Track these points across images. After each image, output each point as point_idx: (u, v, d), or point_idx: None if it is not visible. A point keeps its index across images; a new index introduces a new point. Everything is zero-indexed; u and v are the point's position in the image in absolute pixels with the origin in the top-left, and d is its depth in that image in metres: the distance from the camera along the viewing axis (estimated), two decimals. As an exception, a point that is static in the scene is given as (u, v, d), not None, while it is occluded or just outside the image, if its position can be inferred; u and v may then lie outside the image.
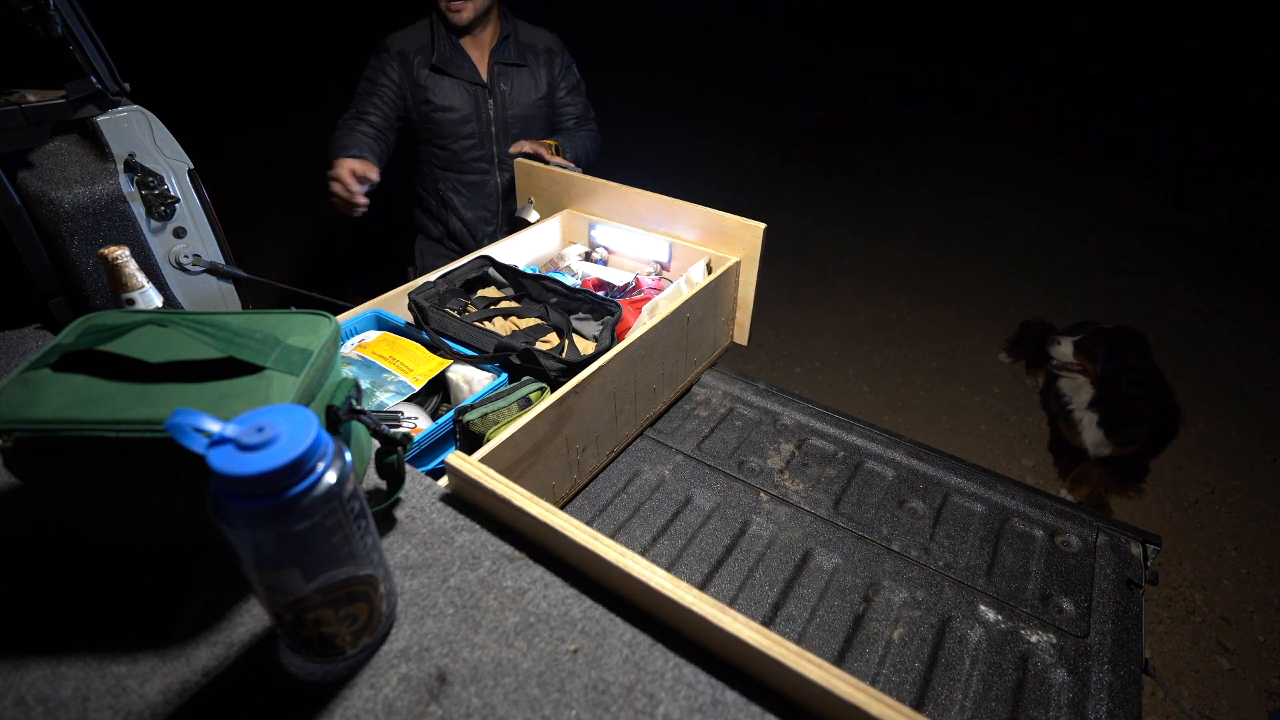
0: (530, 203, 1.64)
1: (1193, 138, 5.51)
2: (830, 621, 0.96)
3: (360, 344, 1.12)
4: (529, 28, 1.96)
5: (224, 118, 5.56)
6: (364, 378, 1.03)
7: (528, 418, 0.93)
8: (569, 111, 2.03)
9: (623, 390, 1.13)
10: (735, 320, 1.46)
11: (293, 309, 0.67)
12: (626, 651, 0.55)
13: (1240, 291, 3.54)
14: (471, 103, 1.88)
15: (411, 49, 1.84)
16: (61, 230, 0.95)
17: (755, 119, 5.87)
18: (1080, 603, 0.99)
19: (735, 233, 1.34)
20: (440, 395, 1.12)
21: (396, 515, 0.67)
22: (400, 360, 1.07)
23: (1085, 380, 2.36)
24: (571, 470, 1.09)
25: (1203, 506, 2.30)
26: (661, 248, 1.46)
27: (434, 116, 1.88)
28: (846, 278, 3.66)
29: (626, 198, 1.47)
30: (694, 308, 1.25)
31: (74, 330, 0.60)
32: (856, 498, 1.17)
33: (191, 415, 0.42)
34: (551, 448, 1.00)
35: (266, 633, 0.56)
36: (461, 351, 1.11)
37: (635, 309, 1.32)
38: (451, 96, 1.86)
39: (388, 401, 1.01)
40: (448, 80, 1.85)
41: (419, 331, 1.15)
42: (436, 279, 1.25)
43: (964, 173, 4.91)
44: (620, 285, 1.44)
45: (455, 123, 1.89)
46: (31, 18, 0.87)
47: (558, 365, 1.05)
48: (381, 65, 1.84)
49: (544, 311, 1.28)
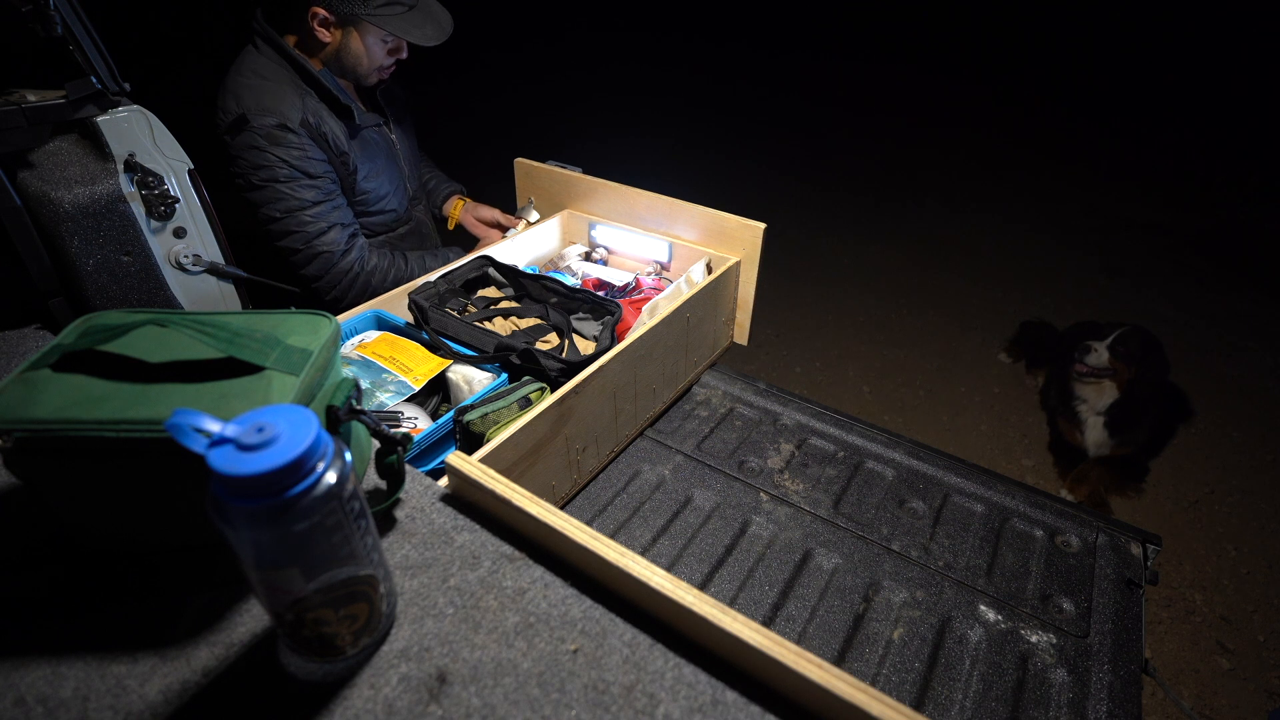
0: (530, 202, 1.63)
1: (1192, 138, 5.51)
2: (830, 621, 0.96)
3: (360, 344, 1.12)
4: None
5: (224, 118, 5.56)
6: (364, 378, 1.03)
7: (528, 418, 0.93)
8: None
9: (623, 390, 1.13)
10: (735, 320, 1.46)
11: (293, 309, 0.67)
12: (626, 651, 0.55)
13: (1240, 291, 3.54)
14: (383, 141, 1.53)
15: (309, 114, 1.34)
16: (61, 230, 0.95)
17: (750, 130, 5.86)
18: (1080, 603, 0.99)
19: (735, 233, 1.34)
20: (440, 395, 1.12)
21: (396, 515, 0.67)
22: (400, 360, 1.07)
23: (1112, 384, 2.31)
24: (571, 470, 1.09)
25: (1203, 506, 2.30)
26: (661, 248, 1.46)
27: (365, 186, 1.48)
28: (846, 279, 3.66)
29: (626, 198, 1.47)
30: (694, 308, 1.25)
31: (74, 330, 0.60)
32: (856, 498, 1.17)
33: (191, 415, 0.42)
34: (552, 448, 1.00)
35: (266, 633, 0.56)
36: (461, 351, 1.11)
37: (635, 309, 1.32)
38: (370, 146, 1.48)
39: (388, 401, 1.01)
40: (366, 133, 1.47)
41: (419, 331, 1.14)
42: (436, 279, 1.25)
43: (963, 174, 4.91)
44: (620, 285, 1.44)
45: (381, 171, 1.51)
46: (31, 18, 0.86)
47: (558, 365, 1.05)
48: (302, 146, 1.33)
49: (544, 311, 1.28)
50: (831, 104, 6.39)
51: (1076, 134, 5.63)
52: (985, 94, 6.54)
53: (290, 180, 1.34)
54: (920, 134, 5.66)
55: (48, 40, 0.89)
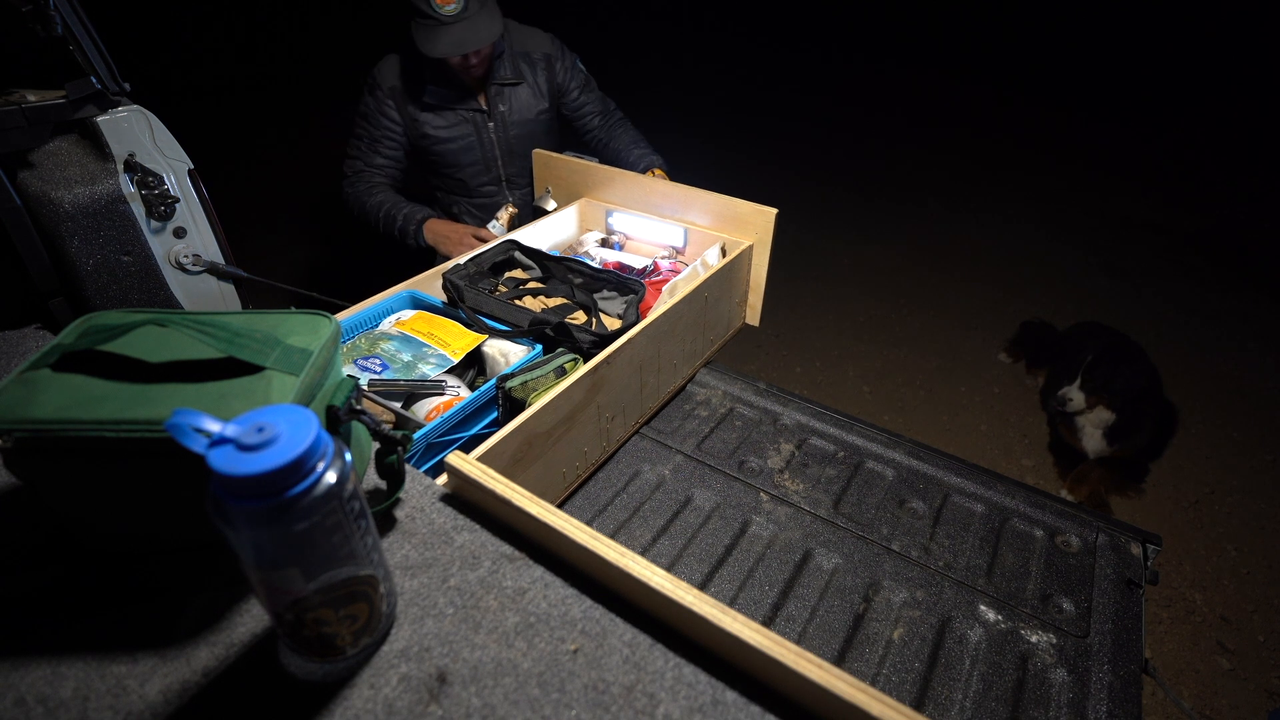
0: (548, 191, 1.67)
1: (1192, 138, 5.51)
2: (830, 621, 0.96)
3: (398, 321, 1.19)
4: (521, 32, 1.87)
5: (224, 118, 5.57)
6: (405, 352, 1.11)
7: (566, 384, 0.99)
8: (589, 109, 1.99)
9: (648, 363, 1.19)
10: (748, 302, 1.51)
11: (293, 309, 0.67)
12: (626, 651, 0.55)
13: (1240, 291, 3.54)
14: (471, 130, 1.84)
15: (403, 83, 1.77)
16: (61, 230, 0.95)
17: (749, 126, 5.86)
18: (1080, 603, 0.99)
19: (748, 218, 1.38)
20: (475, 369, 1.19)
21: (396, 515, 0.67)
22: (438, 335, 1.14)
23: (1104, 408, 2.30)
24: (601, 438, 1.15)
25: (1203, 506, 2.30)
26: (677, 234, 1.51)
27: (435, 149, 1.85)
28: (847, 279, 3.66)
29: (642, 186, 1.52)
30: (711, 288, 1.29)
31: (74, 330, 0.60)
32: (856, 498, 1.17)
33: (191, 415, 0.42)
34: (585, 414, 1.06)
35: (266, 633, 0.56)
36: (496, 327, 1.18)
37: (655, 289, 1.38)
38: (450, 128, 1.83)
39: (430, 373, 1.08)
40: (446, 111, 1.81)
41: (451, 309, 1.22)
42: (465, 261, 1.32)
43: (963, 174, 4.90)
44: (639, 269, 1.49)
45: (456, 152, 1.86)
46: (31, 18, 0.87)
47: (590, 337, 1.12)
48: (379, 105, 1.79)
49: (569, 292, 1.33)
50: (832, 103, 6.39)
51: (1076, 134, 5.63)
52: (986, 94, 6.54)
53: (360, 119, 1.84)
54: (921, 133, 5.66)
55: (48, 40, 0.89)
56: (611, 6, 8.76)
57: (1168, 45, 7.25)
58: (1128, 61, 7.14)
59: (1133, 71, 6.92)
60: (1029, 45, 7.69)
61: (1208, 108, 6.09)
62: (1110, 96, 6.40)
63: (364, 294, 1.23)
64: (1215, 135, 5.55)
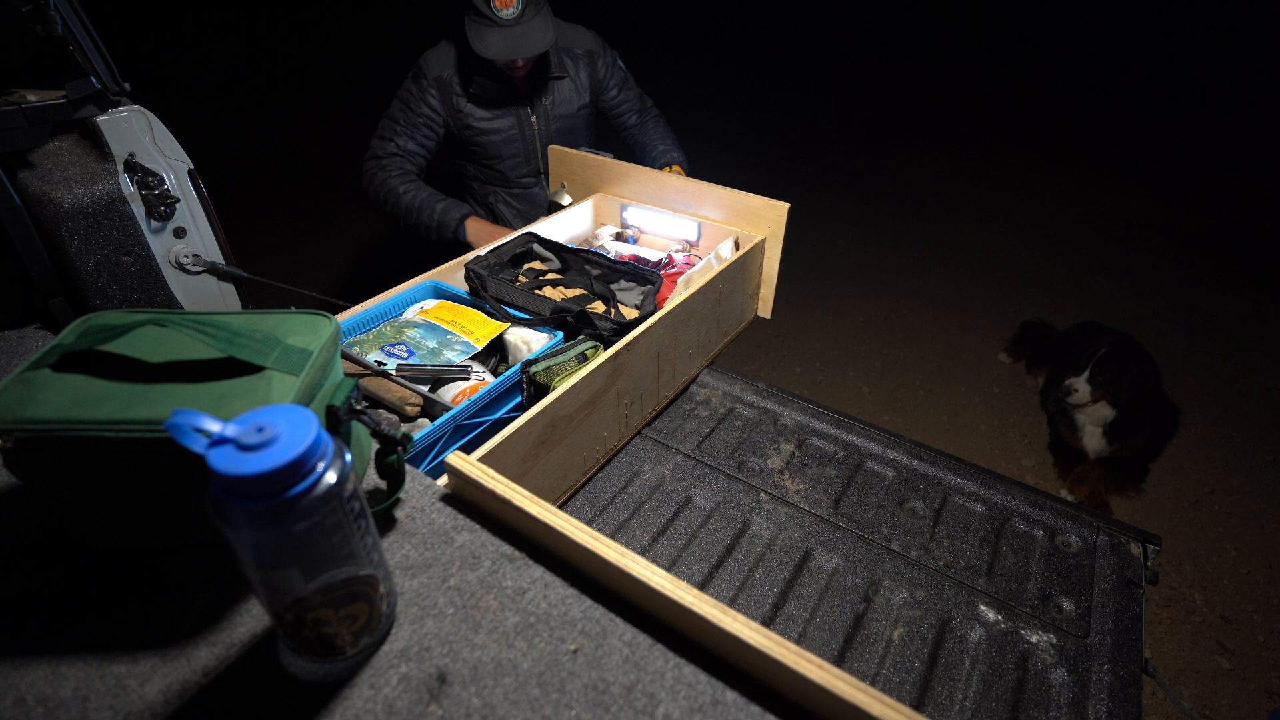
0: (563, 187, 1.69)
1: (1191, 137, 5.51)
2: (830, 621, 0.96)
3: (422, 309, 1.22)
4: (565, 28, 1.89)
5: (224, 118, 5.57)
6: (430, 339, 1.14)
7: (588, 369, 1.02)
8: (626, 106, 2.03)
9: (665, 352, 1.21)
10: (760, 295, 1.52)
11: (293, 309, 0.67)
12: (626, 651, 0.55)
13: (1240, 291, 3.54)
14: (514, 123, 1.87)
15: (449, 74, 1.80)
16: (61, 230, 0.95)
17: (748, 126, 5.86)
18: (1080, 603, 0.99)
19: (761, 212, 1.40)
20: (498, 356, 1.23)
21: (396, 515, 0.67)
22: (462, 323, 1.17)
23: (1105, 404, 2.31)
24: (620, 424, 1.17)
25: (1203, 506, 2.30)
26: (690, 228, 1.53)
27: (478, 140, 1.88)
28: (846, 279, 3.66)
29: (656, 181, 1.54)
30: (725, 279, 1.31)
31: (74, 330, 0.60)
32: (856, 498, 1.17)
33: (191, 415, 0.42)
34: (605, 400, 1.09)
35: (266, 633, 0.56)
36: (518, 315, 1.21)
37: (670, 281, 1.40)
38: (494, 120, 1.85)
39: (455, 359, 1.11)
40: (491, 104, 1.83)
41: (473, 299, 1.26)
42: (485, 253, 1.34)
43: (963, 174, 4.90)
44: (654, 262, 1.50)
45: (499, 144, 1.88)
46: (31, 18, 0.87)
47: (610, 325, 1.15)
48: (421, 93, 1.81)
49: (587, 282, 1.35)
50: (832, 102, 6.39)
51: (1077, 133, 5.63)
52: (986, 93, 6.54)
53: (399, 102, 1.83)
54: (921, 133, 5.66)
55: (48, 40, 0.89)
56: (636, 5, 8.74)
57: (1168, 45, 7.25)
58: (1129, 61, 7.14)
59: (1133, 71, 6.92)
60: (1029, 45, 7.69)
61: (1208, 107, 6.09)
62: (1111, 96, 6.40)
63: (364, 294, 1.23)
64: (1215, 135, 5.55)
